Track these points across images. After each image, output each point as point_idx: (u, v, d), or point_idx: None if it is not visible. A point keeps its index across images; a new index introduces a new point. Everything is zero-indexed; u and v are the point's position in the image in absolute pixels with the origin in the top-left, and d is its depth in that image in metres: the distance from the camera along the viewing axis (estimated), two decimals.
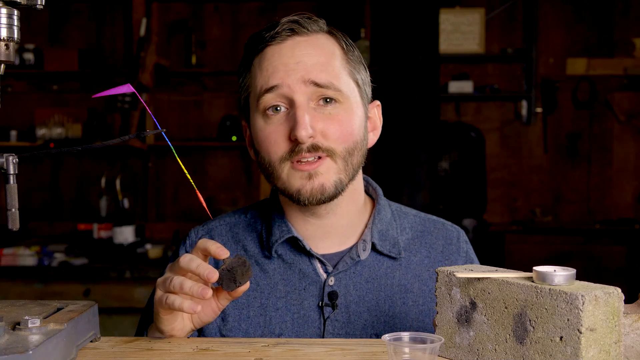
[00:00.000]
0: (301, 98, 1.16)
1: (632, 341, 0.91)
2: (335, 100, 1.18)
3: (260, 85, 1.19)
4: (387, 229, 1.29)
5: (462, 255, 1.33)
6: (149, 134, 1.03)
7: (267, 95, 1.17)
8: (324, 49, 1.20)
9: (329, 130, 1.17)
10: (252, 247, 1.30)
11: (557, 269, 0.86)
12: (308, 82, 1.16)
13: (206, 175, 4.68)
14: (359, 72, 1.24)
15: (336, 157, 1.18)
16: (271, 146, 1.18)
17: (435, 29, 3.54)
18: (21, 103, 4.60)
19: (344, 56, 1.22)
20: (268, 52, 1.20)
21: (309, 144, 1.15)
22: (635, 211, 4.75)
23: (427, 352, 0.89)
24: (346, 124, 1.18)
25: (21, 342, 0.86)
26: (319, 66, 1.17)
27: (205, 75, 4.63)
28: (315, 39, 1.21)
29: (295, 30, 1.19)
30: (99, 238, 3.98)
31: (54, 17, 4.66)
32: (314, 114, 1.16)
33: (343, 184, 1.19)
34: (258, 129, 1.20)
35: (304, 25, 1.20)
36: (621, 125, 4.80)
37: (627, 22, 4.78)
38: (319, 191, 1.17)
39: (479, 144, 4.46)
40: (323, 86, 1.16)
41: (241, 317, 1.25)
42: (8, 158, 0.94)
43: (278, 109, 1.18)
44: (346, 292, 1.24)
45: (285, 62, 1.17)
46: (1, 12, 0.92)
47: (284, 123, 1.17)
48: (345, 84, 1.20)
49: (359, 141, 1.21)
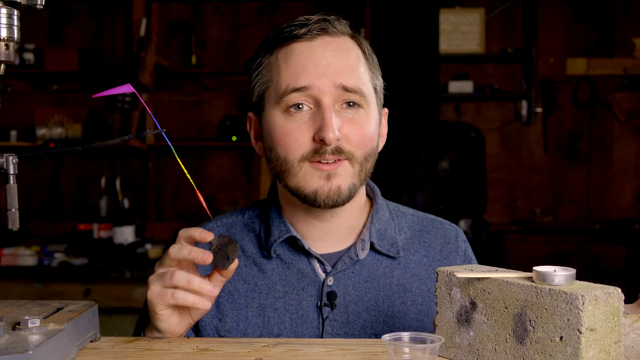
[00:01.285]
0: (329, 100, 1.15)
1: (632, 341, 0.91)
2: (359, 105, 1.18)
3: (286, 83, 1.16)
4: (385, 229, 1.29)
5: (461, 254, 1.33)
6: (149, 134, 1.03)
7: (294, 94, 1.15)
8: (351, 53, 1.19)
9: (351, 134, 1.16)
10: (250, 247, 1.29)
11: (557, 269, 0.86)
12: (338, 86, 1.15)
13: (206, 175, 4.68)
14: (378, 78, 1.25)
15: (354, 162, 1.17)
16: (291, 144, 1.16)
17: (435, 29, 3.54)
18: (21, 103, 4.60)
19: (366, 61, 1.22)
20: (296, 49, 1.18)
21: (334, 146, 1.14)
22: (635, 211, 4.75)
23: (427, 352, 0.89)
24: (366, 130, 1.18)
25: (21, 342, 0.86)
26: (348, 70, 1.17)
27: (205, 75, 4.64)
28: (343, 42, 1.20)
29: (326, 30, 1.18)
30: (99, 238, 3.98)
31: (54, 17, 4.66)
32: (339, 116, 1.16)
33: (356, 188, 1.19)
34: (277, 124, 1.18)
35: (334, 25, 1.19)
36: (621, 125, 4.80)
37: (627, 22, 4.78)
38: (336, 193, 1.16)
39: (479, 144, 4.45)
40: (351, 90, 1.16)
41: (239, 317, 1.25)
42: (8, 158, 0.94)
43: (300, 107, 1.16)
44: (345, 292, 1.24)
45: (315, 62, 1.16)
46: (1, 12, 0.92)
47: (307, 122, 1.16)
48: (368, 89, 1.20)
49: (374, 147, 1.22)
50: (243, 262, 1.28)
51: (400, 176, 3.35)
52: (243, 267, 1.28)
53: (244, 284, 1.26)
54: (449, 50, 4.50)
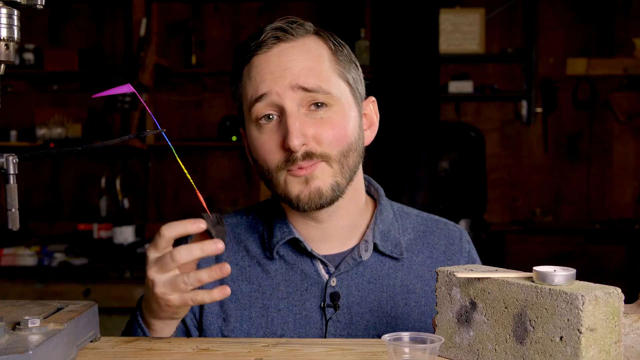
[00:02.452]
0: (291, 105, 1.15)
1: (632, 341, 0.91)
2: (326, 104, 1.17)
3: (250, 95, 1.19)
4: (388, 230, 1.28)
5: (465, 255, 1.33)
6: (149, 134, 1.03)
7: (258, 105, 1.17)
8: (310, 53, 1.19)
9: (321, 135, 1.16)
10: (254, 248, 1.30)
11: (557, 269, 0.86)
12: (296, 88, 1.15)
13: (206, 175, 4.68)
14: (350, 71, 1.23)
15: (331, 162, 1.17)
16: (266, 155, 1.18)
17: (435, 29, 3.54)
18: (21, 103, 4.60)
19: (333, 57, 1.21)
20: (255, 62, 1.19)
21: (303, 152, 1.14)
22: (635, 211, 4.75)
23: (427, 352, 0.89)
24: (339, 127, 1.17)
25: (21, 342, 0.86)
26: (306, 71, 1.16)
27: (205, 75, 4.63)
28: (302, 44, 1.19)
29: (280, 38, 1.18)
30: (99, 238, 3.98)
31: (54, 17, 4.66)
32: (305, 119, 1.16)
33: (341, 187, 1.19)
34: (253, 138, 1.20)
35: (289, 31, 1.19)
36: (621, 125, 4.80)
37: (627, 22, 4.78)
38: (317, 195, 1.16)
39: (479, 144, 4.45)
40: (312, 91, 1.16)
41: (243, 317, 1.25)
42: (8, 158, 0.94)
43: (270, 117, 1.17)
44: (348, 293, 1.24)
45: (272, 69, 1.17)
46: (1, 12, 0.92)
47: (276, 132, 1.17)
48: (335, 85, 1.19)
49: (353, 142, 1.20)
50: (247, 262, 1.28)
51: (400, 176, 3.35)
52: (247, 267, 1.28)
53: (247, 285, 1.27)
54: (449, 50, 4.50)
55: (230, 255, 1.30)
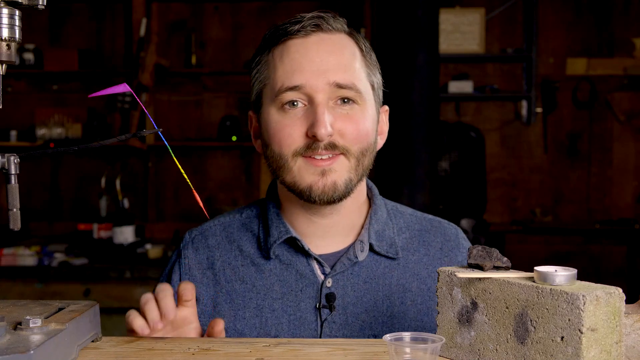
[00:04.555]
0: (322, 97, 1.16)
1: (633, 341, 0.91)
2: (354, 101, 1.19)
3: (281, 81, 1.18)
4: (383, 229, 1.28)
5: (462, 252, 1.33)
6: (146, 133, 1.03)
7: (289, 93, 1.17)
8: (346, 49, 1.20)
9: (346, 129, 1.17)
10: (248, 247, 1.29)
11: (558, 269, 0.86)
12: (332, 84, 1.16)
13: (206, 175, 4.68)
14: (375, 75, 1.25)
15: (350, 156, 1.18)
16: (285, 139, 1.17)
17: (435, 29, 3.53)
18: (21, 103, 4.60)
19: (363, 58, 1.23)
20: (291, 46, 1.19)
21: (327, 142, 1.15)
22: (635, 211, 4.76)
23: (428, 352, 0.89)
24: (362, 125, 1.19)
25: (22, 342, 0.86)
26: (342, 67, 1.18)
27: (205, 75, 4.63)
28: (338, 39, 1.21)
29: (320, 26, 1.19)
30: (99, 238, 3.98)
31: (54, 17, 4.66)
32: (333, 113, 1.17)
33: (353, 183, 1.20)
34: (273, 121, 1.19)
35: (329, 22, 1.20)
36: (621, 125, 4.80)
37: (627, 22, 4.78)
38: (332, 189, 1.17)
39: (479, 144, 4.45)
40: (345, 87, 1.17)
41: (237, 317, 1.24)
42: (9, 158, 0.94)
43: (295, 104, 1.17)
44: (344, 294, 1.24)
45: (309, 59, 1.17)
46: (2, 12, 0.92)
47: (301, 118, 1.17)
48: (364, 85, 1.20)
49: (371, 143, 1.22)
50: (241, 262, 1.28)
51: (400, 176, 3.35)
52: (240, 267, 1.27)
53: (241, 284, 1.26)
54: (449, 50, 4.50)
55: (222, 255, 1.29)
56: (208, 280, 1.28)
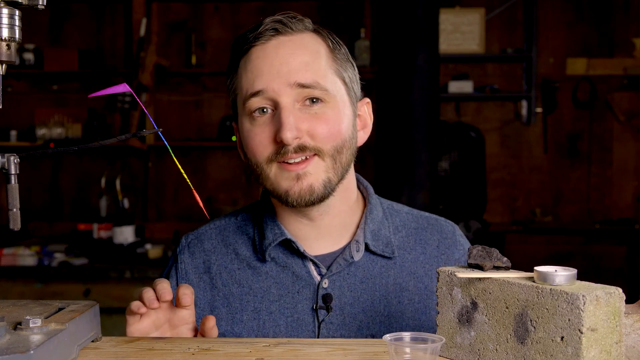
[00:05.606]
0: (286, 100, 1.16)
1: (633, 341, 0.91)
2: (322, 100, 1.17)
3: (245, 89, 1.19)
4: (379, 229, 1.28)
5: (460, 249, 1.32)
6: (146, 133, 1.03)
7: (253, 99, 1.17)
8: (308, 48, 1.19)
9: (315, 129, 1.16)
10: (244, 250, 1.29)
11: (558, 269, 0.86)
12: (294, 85, 1.15)
13: (206, 175, 4.68)
14: (346, 70, 1.23)
15: (324, 156, 1.17)
16: (256, 147, 1.18)
17: (435, 29, 3.53)
18: (21, 103, 4.60)
19: (330, 54, 1.21)
20: (252, 54, 1.19)
21: (295, 145, 1.15)
22: (635, 211, 4.75)
23: (428, 352, 0.89)
24: (333, 123, 1.18)
25: (22, 342, 0.86)
26: (303, 66, 1.17)
27: (205, 75, 4.63)
28: (300, 39, 1.20)
29: (279, 30, 1.18)
30: (99, 238, 3.98)
31: (54, 17, 4.66)
32: (299, 114, 1.16)
33: (332, 183, 1.19)
34: (245, 130, 1.20)
35: (288, 24, 1.19)
36: (621, 125, 4.80)
37: (627, 22, 4.78)
38: (308, 192, 1.17)
39: (479, 144, 4.46)
40: (308, 86, 1.16)
41: (234, 320, 1.24)
42: (9, 158, 0.94)
43: (265, 111, 1.17)
44: (341, 294, 1.23)
45: (269, 63, 1.17)
46: (2, 12, 0.92)
47: (269, 124, 1.17)
48: (331, 82, 1.19)
49: (347, 139, 1.20)
50: (237, 265, 1.28)
51: (400, 176, 3.35)
52: (237, 270, 1.27)
53: (238, 287, 1.26)
54: (449, 50, 4.50)
55: (218, 258, 1.30)
56: (205, 284, 1.28)
